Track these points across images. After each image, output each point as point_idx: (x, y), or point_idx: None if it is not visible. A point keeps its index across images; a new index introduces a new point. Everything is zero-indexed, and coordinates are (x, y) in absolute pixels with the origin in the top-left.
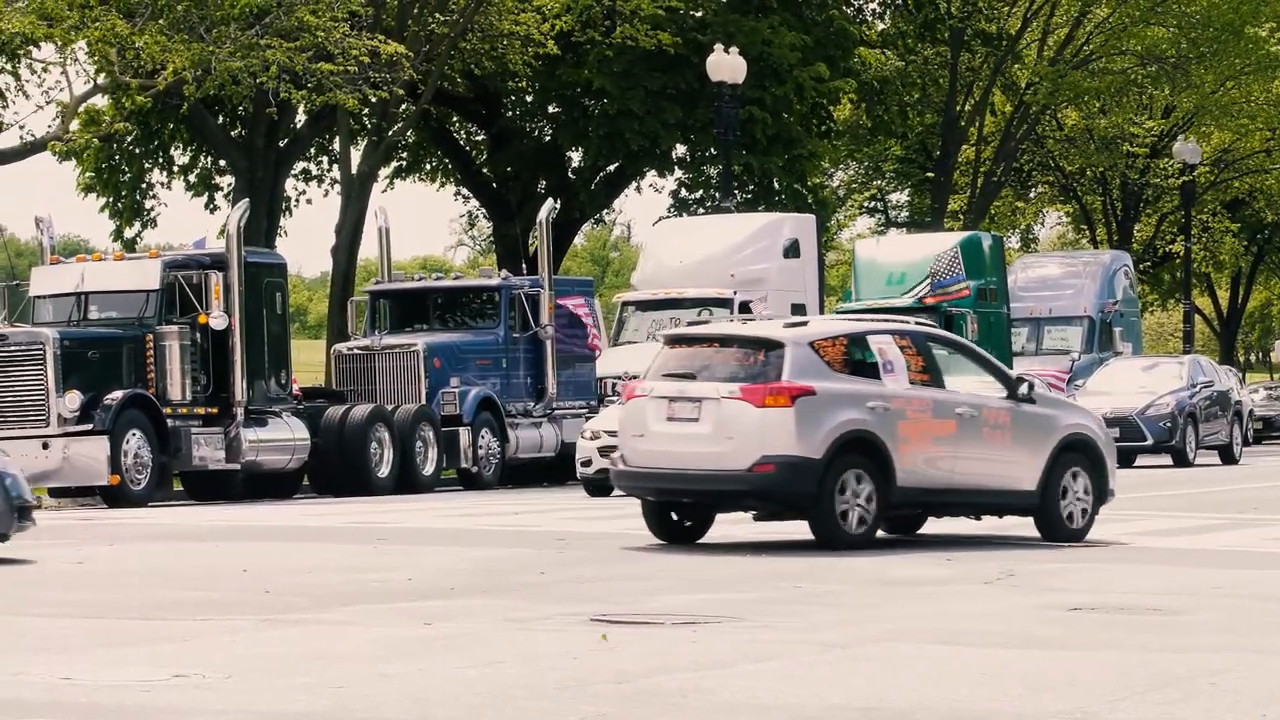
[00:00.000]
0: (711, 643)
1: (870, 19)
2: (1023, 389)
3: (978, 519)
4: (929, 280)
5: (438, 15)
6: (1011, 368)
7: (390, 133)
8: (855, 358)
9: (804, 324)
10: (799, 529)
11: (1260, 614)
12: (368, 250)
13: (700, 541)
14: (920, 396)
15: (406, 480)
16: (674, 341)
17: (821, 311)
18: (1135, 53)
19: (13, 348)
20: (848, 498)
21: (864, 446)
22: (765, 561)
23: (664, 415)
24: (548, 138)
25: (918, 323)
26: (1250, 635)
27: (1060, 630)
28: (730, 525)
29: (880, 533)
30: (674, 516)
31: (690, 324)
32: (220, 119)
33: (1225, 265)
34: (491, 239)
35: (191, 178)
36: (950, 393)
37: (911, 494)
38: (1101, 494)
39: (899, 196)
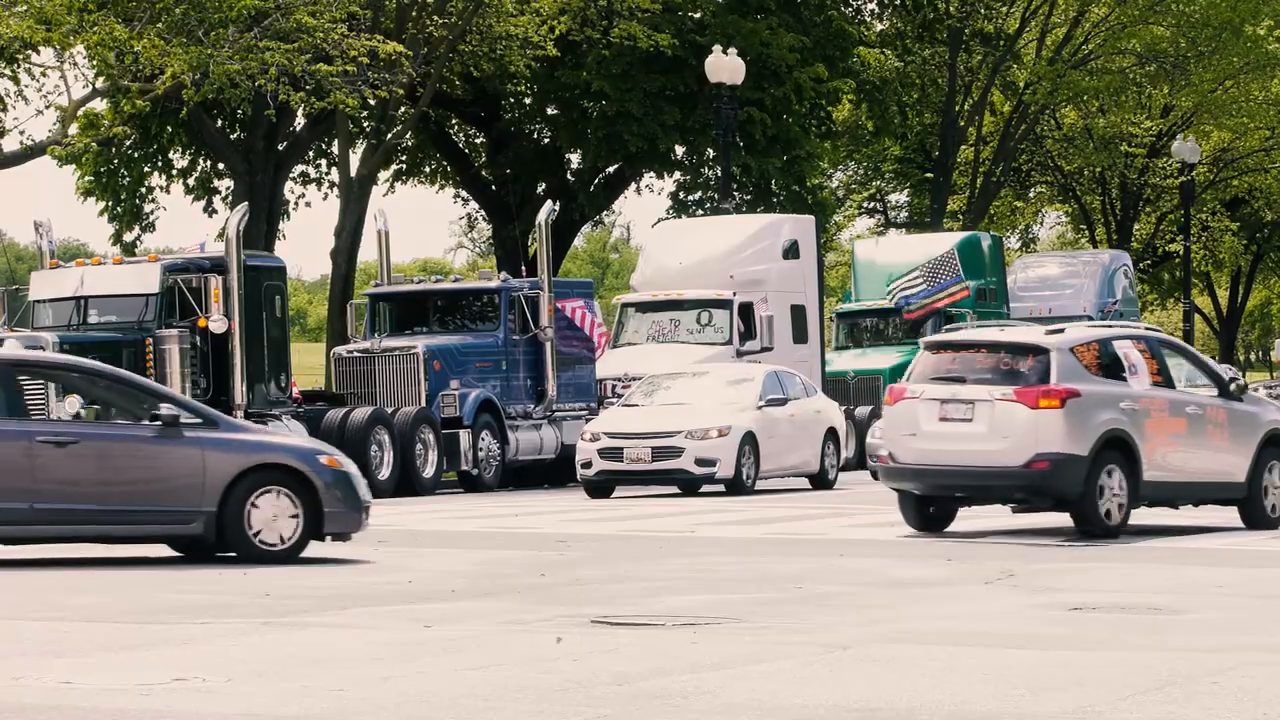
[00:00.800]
0: (713, 644)
1: (869, 19)
2: (1234, 387)
3: (1175, 508)
4: (909, 291)
5: (436, 18)
6: None
7: (389, 135)
8: (1104, 361)
9: (1062, 330)
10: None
11: (1262, 613)
12: (367, 253)
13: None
14: (1159, 396)
15: (406, 483)
16: (935, 347)
17: (821, 313)
18: (1134, 52)
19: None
20: (1107, 491)
21: (1119, 444)
22: (766, 563)
23: (936, 416)
24: (547, 140)
25: (1147, 328)
26: (1252, 634)
27: (1061, 630)
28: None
29: (886, 534)
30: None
31: (947, 329)
32: (219, 122)
33: (1225, 264)
34: (491, 241)
35: (190, 181)
36: (1182, 392)
37: (1152, 488)
38: None
39: (898, 197)
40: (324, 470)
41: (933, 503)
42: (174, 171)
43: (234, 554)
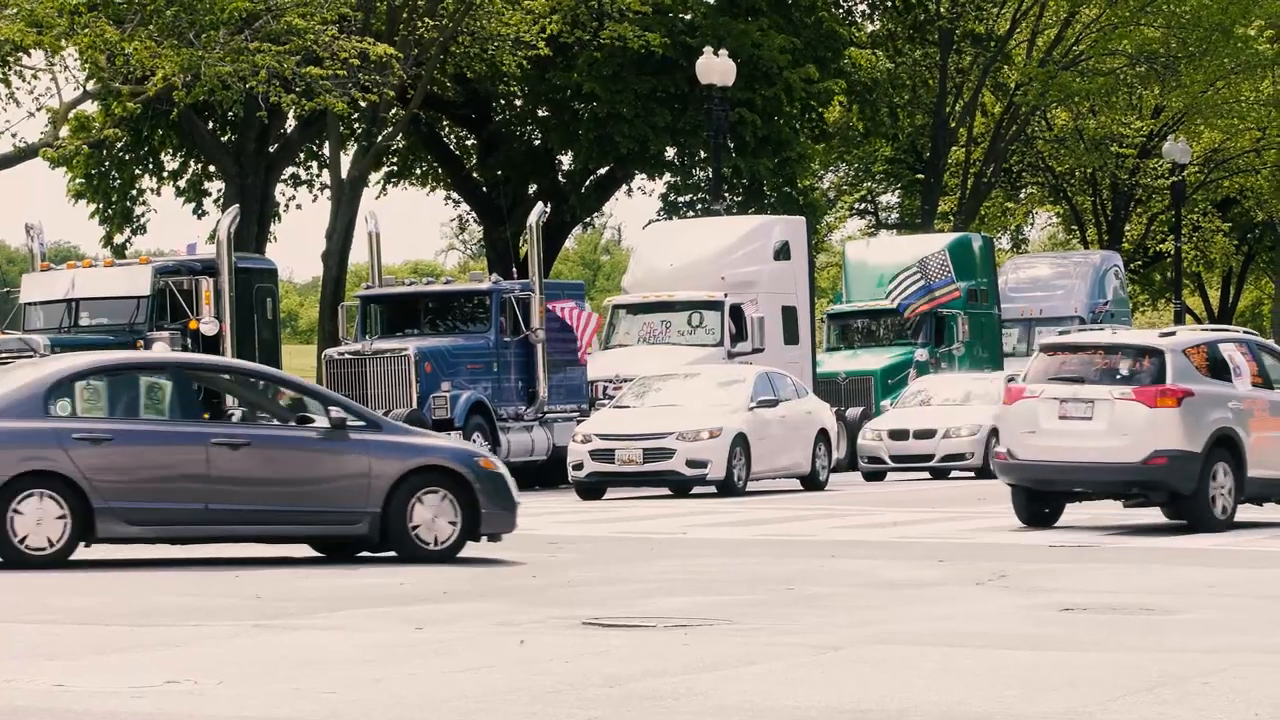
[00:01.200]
0: (704, 645)
1: (860, 20)
2: None
3: (1260, 505)
4: (908, 291)
5: (427, 20)
6: (1002, 369)
7: (380, 137)
8: (1211, 363)
9: (1173, 334)
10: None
11: (1253, 613)
12: (358, 255)
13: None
14: (1261, 397)
15: None
16: (1052, 349)
17: (812, 314)
18: (1125, 53)
19: (3, 355)
20: (1216, 488)
21: (1228, 442)
22: (757, 564)
23: (1056, 415)
24: (538, 141)
25: (1245, 332)
26: (1244, 635)
27: (1054, 631)
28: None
29: (877, 535)
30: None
31: (1062, 333)
32: (210, 125)
33: (1216, 265)
34: (482, 243)
35: (181, 183)
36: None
37: (1255, 484)
38: None
39: (889, 198)
40: (481, 472)
41: (1043, 498)
42: (165, 174)
43: (393, 553)
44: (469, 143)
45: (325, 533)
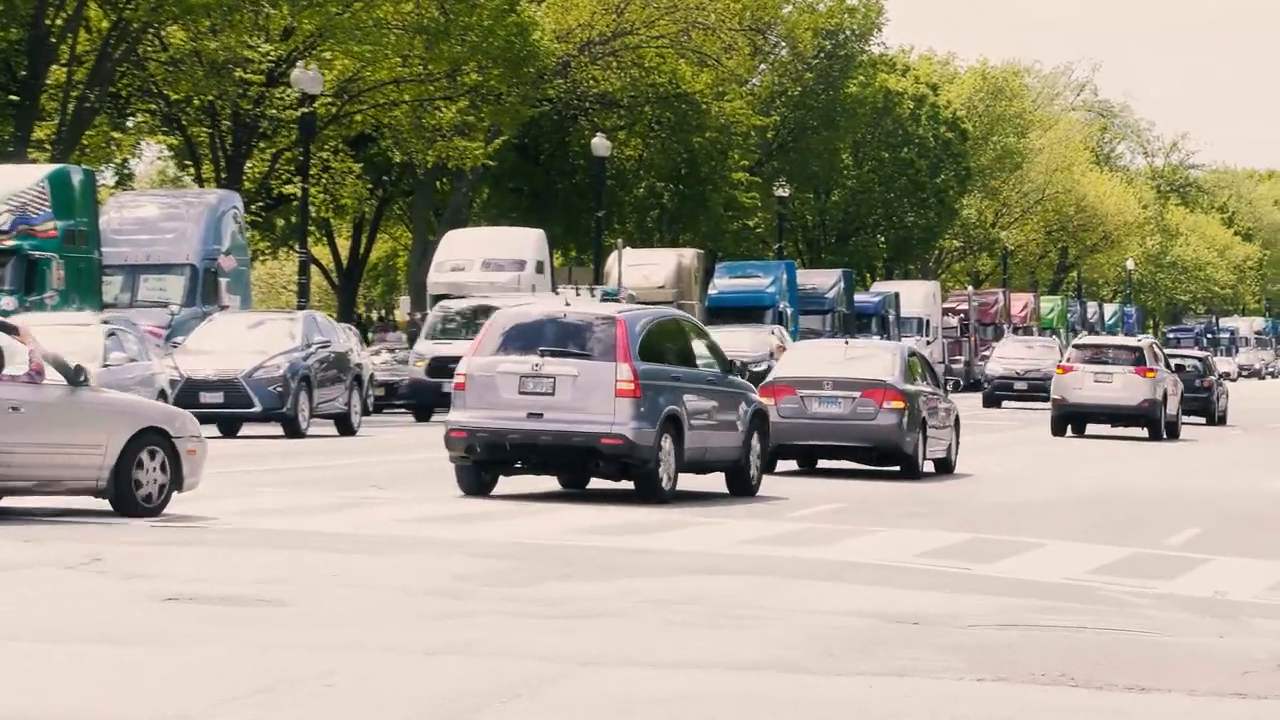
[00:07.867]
0: None
1: None
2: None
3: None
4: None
5: None
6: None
7: None
8: None
9: None
10: None
11: (378, 606)
12: None
13: None
14: None
15: None
16: None
17: None
18: None
19: None
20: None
21: None
22: None
23: None
24: None
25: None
26: (367, 629)
27: (156, 623)
28: None
29: None
30: None
31: None
32: None
33: (348, 210)
34: None
35: None
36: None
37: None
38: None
39: None
40: None
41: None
42: None
43: None
44: None
45: None
